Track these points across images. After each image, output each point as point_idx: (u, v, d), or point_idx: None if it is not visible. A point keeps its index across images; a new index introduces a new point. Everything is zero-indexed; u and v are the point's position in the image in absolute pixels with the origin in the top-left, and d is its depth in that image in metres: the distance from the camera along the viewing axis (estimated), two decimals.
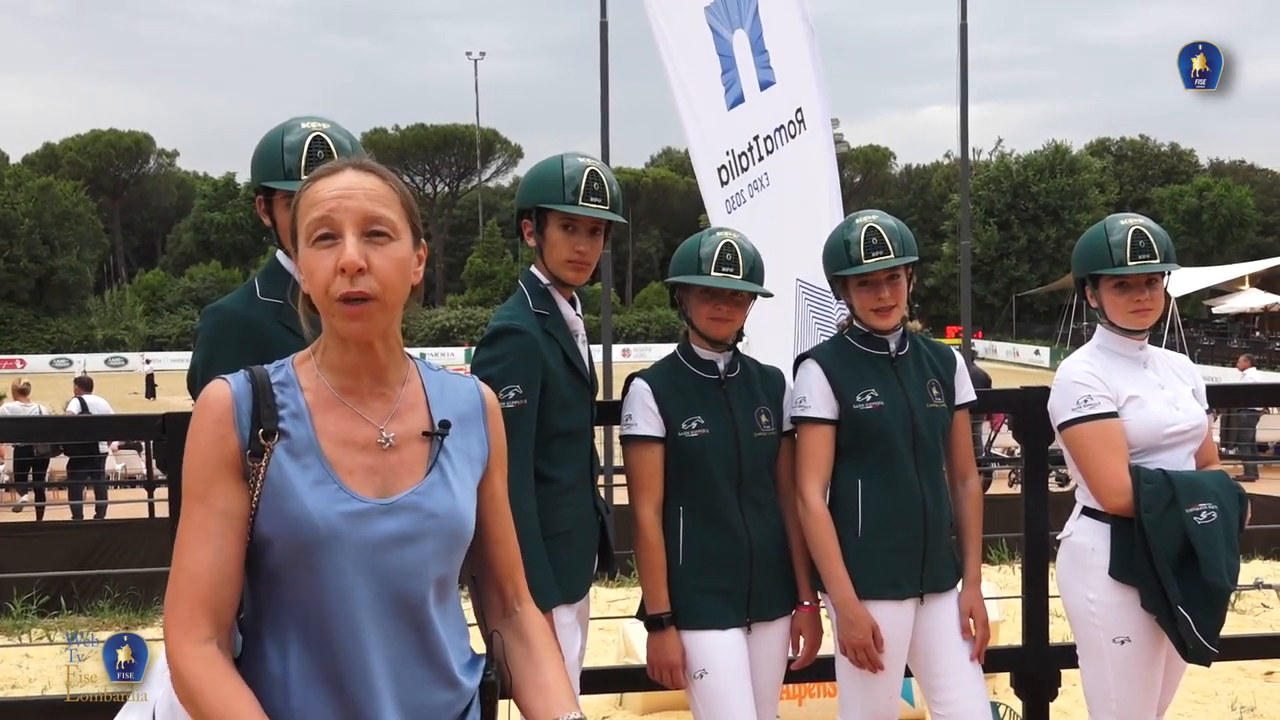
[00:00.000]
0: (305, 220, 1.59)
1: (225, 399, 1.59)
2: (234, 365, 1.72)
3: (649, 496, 2.82)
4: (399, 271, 1.59)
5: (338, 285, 1.54)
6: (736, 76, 5.35)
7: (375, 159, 1.72)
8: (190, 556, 1.54)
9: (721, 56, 5.35)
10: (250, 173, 2.44)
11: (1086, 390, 2.88)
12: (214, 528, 1.54)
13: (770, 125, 5.26)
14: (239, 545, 1.55)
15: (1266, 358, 34.71)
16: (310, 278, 1.58)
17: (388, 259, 1.57)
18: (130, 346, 55.59)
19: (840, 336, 3.01)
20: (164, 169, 76.23)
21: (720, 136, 5.41)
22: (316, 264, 1.56)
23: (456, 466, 1.68)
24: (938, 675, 2.92)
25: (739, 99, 5.34)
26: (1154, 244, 2.88)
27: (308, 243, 1.58)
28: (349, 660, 1.56)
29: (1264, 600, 6.46)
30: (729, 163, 5.38)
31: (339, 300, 1.54)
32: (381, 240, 1.58)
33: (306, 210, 1.59)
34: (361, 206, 1.57)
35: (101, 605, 7.78)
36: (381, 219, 1.58)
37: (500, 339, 2.64)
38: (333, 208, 1.57)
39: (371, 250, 1.56)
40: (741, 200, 5.31)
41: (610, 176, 2.75)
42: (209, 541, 1.54)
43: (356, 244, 1.55)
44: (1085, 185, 58.28)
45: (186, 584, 1.54)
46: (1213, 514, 2.74)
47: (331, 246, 1.56)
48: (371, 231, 1.57)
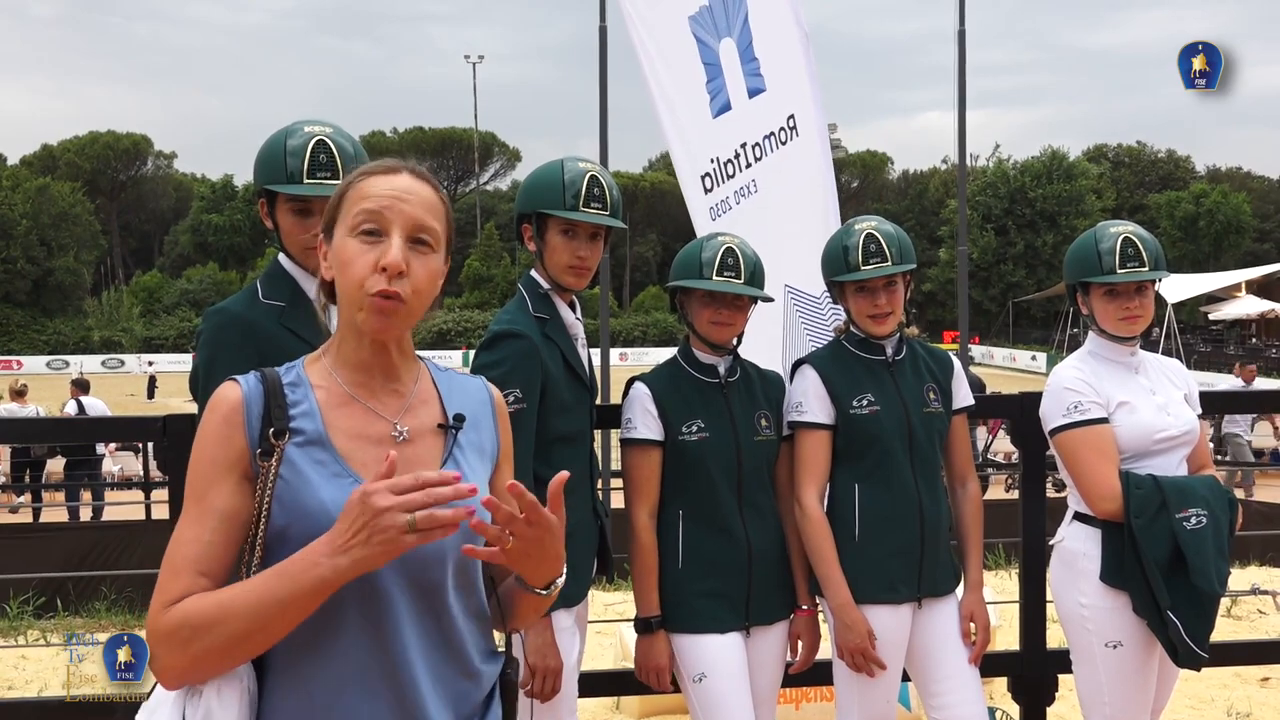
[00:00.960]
0: (352, 209, 1.60)
1: (235, 400, 1.60)
2: (236, 367, 1.73)
3: (645, 500, 2.83)
4: (431, 282, 1.63)
5: (374, 281, 1.56)
6: (723, 85, 5.36)
7: None
8: (176, 552, 1.54)
9: (706, 65, 5.36)
10: (253, 176, 2.45)
11: (1077, 396, 2.90)
12: (206, 526, 1.54)
13: (759, 133, 5.27)
14: (230, 547, 1.55)
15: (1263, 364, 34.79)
16: (344, 268, 1.59)
17: (426, 269, 1.61)
18: (127, 348, 55.54)
19: (837, 342, 3.02)
20: (162, 170, 76.25)
21: (705, 145, 5.42)
22: (355, 256, 1.58)
23: (470, 460, 1.70)
24: (935, 680, 2.93)
25: (725, 106, 5.35)
26: (1143, 252, 2.89)
27: (350, 233, 1.60)
28: (392, 654, 1.56)
29: (1260, 606, 6.47)
30: (714, 170, 5.40)
31: (372, 295, 1.56)
32: (424, 249, 1.61)
33: (356, 200, 1.61)
34: (414, 212, 1.60)
35: (98, 607, 7.76)
36: (429, 229, 1.62)
37: (500, 343, 2.65)
38: (386, 205, 1.59)
39: (413, 256, 1.59)
40: (726, 207, 5.32)
41: (610, 181, 2.76)
42: (198, 540, 1.54)
43: (402, 246, 1.57)
44: (1082, 191, 58.40)
45: (165, 573, 1.54)
46: (1202, 519, 2.75)
47: (375, 243, 1.58)
48: (417, 239, 1.60)
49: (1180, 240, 57.16)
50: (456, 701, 1.64)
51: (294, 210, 2.35)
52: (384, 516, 1.42)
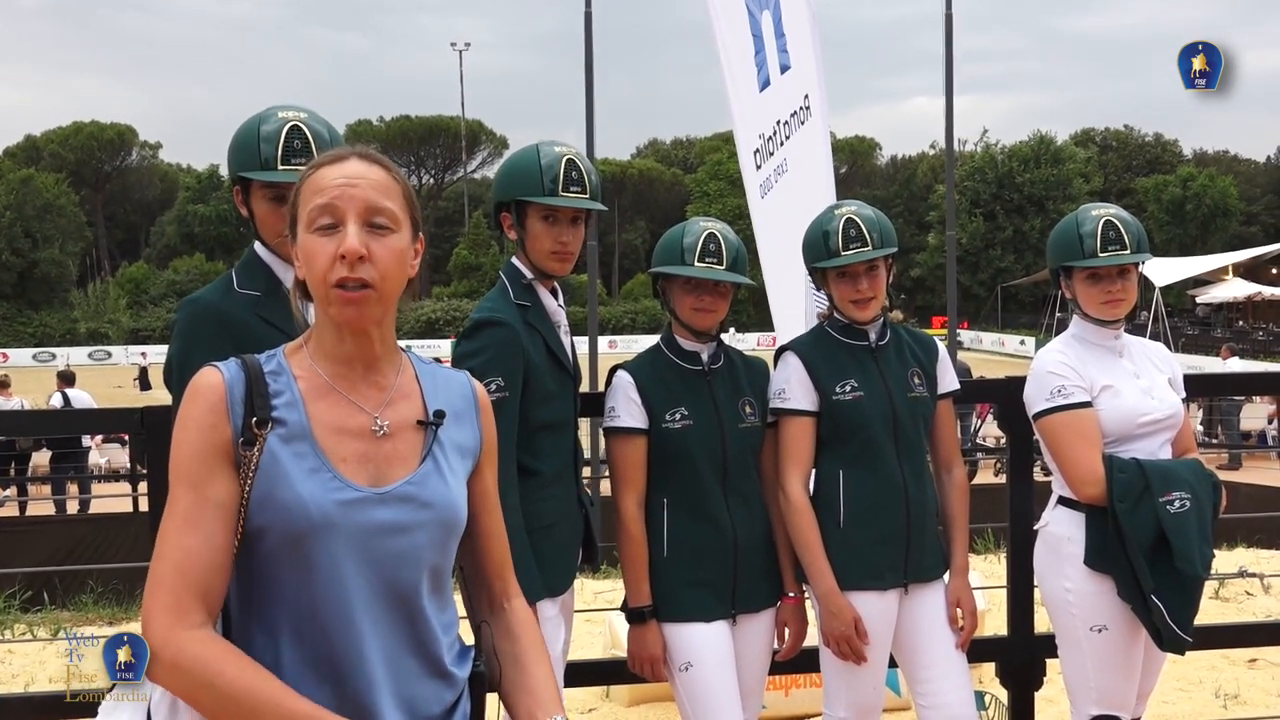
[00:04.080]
0: (307, 207, 1.59)
1: (218, 386, 1.57)
2: (211, 358, 1.70)
3: (632, 489, 2.81)
4: (398, 262, 1.60)
5: (336, 271, 1.55)
6: (765, 59, 5.34)
7: None
8: (176, 545, 1.51)
9: (754, 37, 5.34)
10: (226, 163, 2.41)
11: (1060, 380, 2.89)
12: (205, 517, 1.52)
13: (787, 110, 5.27)
14: (228, 536, 1.53)
15: (1250, 347, 34.94)
16: (309, 264, 1.58)
17: (387, 249, 1.58)
18: (114, 340, 55.27)
19: (820, 327, 3.00)
20: (147, 161, 75.76)
21: (755, 120, 5.41)
22: (317, 250, 1.57)
23: (450, 457, 1.68)
24: (922, 666, 2.92)
25: (766, 82, 5.34)
26: (1125, 235, 2.88)
27: (308, 229, 1.58)
28: (345, 650, 1.54)
29: (1247, 588, 6.49)
30: (761, 145, 5.38)
31: (336, 286, 1.55)
32: (383, 231, 1.59)
33: (309, 197, 1.59)
34: (365, 196, 1.58)
35: (85, 600, 7.73)
36: (384, 210, 1.59)
37: (481, 331, 2.63)
38: (336, 195, 1.57)
39: (372, 240, 1.57)
40: (769, 186, 5.31)
41: (588, 164, 2.73)
42: (198, 530, 1.51)
43: (358, 232, 1.56)
44: (1070, 176, 58.46)
45: (172, 573, 1.50)
46: (1186, 503, 2.75)
47: (333, 234, 1.56)
48: (373, 222, 1.58)
49: (1167, 224, 57.30)
50: (420, 700, 1.62)
51: (269, 197, 2.31)
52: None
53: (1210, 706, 4.79)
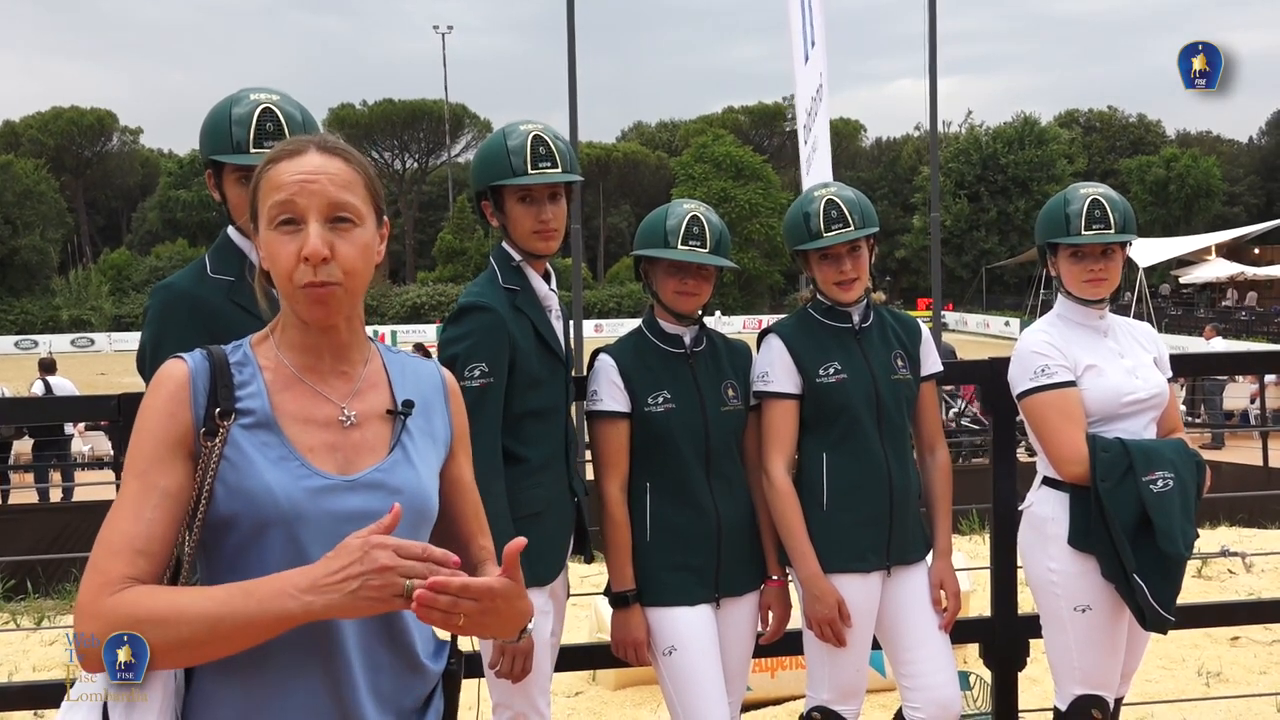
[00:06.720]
0: (266, 203, 1.56)
1: (181, 376, 1.56)
2: (184, 344, 1.69)
3: (615, 473, 2.79)
4: (363, 258, 1.58)
5: (301, 273, 1.52)
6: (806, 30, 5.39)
7: (344, 136, 1.67)
8: (114, 529, 1.49)
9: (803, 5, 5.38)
10: (199, 146, 2.38)
11: (1044, 360, 2.89)
12: (148, 504, 1.50)
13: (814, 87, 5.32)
14: (171, 525, 1.51)
15: (1233, 327, 35.12)
16: (273, 262, 1.56)
17: (352, 245, 1.56)
18: (96, 327, 54.91)
19: (803, 310, 2.99)
20: (128, 146, 75.01)
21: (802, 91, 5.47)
22: (279, 249, 1.54)
23: (419, 446, 1.67)
24: (906, 648, 2.92)
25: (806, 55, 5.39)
26: (1110, 214, 2.88)
27: (269, 226, 1.56)
28: (319, 639, 1.53)
29: (1230, 567, 6.53)
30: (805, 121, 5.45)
31: (302, 288, 1.53)
32: (345, 227, 1.56)
33: (268, 192, 1.56)
34: (325, 192, 1.55)
35: (69, 588, 7.69)
36: (346, 205, 1.56)
37: (465, 316, 2.61)
38: (295, 192, 1.54)
39: (335, 237, 1.54)
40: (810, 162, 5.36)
41: (558, 137, 2.69)
42: (138, 518, 1.49)
43: (321, 232, 1.53)
44: (1054, 157, 58.51)
45: (105, 556, 1.47)
46: (1169, 482, 2.75)
47: (294, 232, 1.54)
48: (336, 218, 1.55)
49: (1151, 204, 57.43)
50: (397, 694, 1.61)
51: (241, 180, 2.28)
52: (383, 574, 1.40)
53: (1193, 685, 4.82)
